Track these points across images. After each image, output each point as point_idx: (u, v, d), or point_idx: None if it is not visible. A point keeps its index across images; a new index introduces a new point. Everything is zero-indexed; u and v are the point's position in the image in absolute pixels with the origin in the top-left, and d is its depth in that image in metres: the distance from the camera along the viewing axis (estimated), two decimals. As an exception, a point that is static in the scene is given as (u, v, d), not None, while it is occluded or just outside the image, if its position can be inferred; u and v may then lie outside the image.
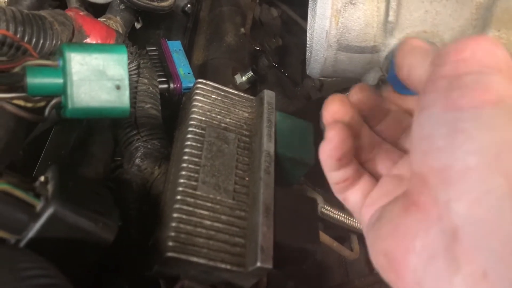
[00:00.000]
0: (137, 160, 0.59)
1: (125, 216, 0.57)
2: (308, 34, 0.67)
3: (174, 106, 0.74)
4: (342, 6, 0.56)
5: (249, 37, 1.04)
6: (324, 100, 0.96)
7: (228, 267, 0.50)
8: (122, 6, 0.84)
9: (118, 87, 0.49)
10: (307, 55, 0.63)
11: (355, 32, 0.57)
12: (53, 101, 0.48)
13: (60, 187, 0.42)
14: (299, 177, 0.65)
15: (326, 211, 0.81)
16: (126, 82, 0.49)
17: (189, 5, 1.06)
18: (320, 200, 0.79)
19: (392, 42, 0.58)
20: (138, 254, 0.55)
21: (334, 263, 0.93)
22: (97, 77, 0.48)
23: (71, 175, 0.46)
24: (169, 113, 0.71)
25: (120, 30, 0.83)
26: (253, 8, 1.02)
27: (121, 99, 0.49)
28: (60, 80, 0.47)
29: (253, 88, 0.97)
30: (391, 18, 0.56)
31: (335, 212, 0.82)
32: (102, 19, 0.83)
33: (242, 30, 1.04)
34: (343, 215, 0.83)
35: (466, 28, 0.57)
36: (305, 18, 0.65)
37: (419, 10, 0.57)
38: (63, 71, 0.47)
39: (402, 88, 0.60)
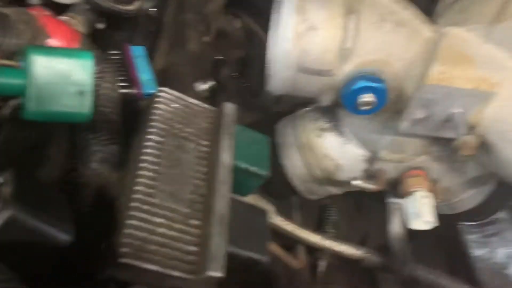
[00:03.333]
0: (94, 164, 0.59)
1: (78, 219, 0.58)
2: (269, 52, 0.70)
3: (134, 111, 0.74)
4: (304, 30, 0.60)
5: (212, 46, 1.06)
6: (281, 114, 0.99)
7: (180, 274, 0.51)
8: (86, 6, 0.83)
9: (81, 93, 0.49)
10: (268, 72, 0.66)
11: (314, 56, 0.61)
12: (13, 102, 0.48)
13: (17, 190, 0.41)
14: (253, 188, 0.67)
15: (276, 221, 0.84)
16: (89, 88, 0.50)
17: (153, 9, 1.06)
18: (272, 210, 0.82)
19: (348, 67, 0.62)
20: (90, 258, 0.55)
21: (280, 272, 0.96)
22: (61, 81, 0.48)
23: (28, 178, 0.46)
24: (128, 118, 0.71)
25: (82, 30, 0.82)
26: (217, 18, 1.04)
27: (83, 105, 0.50)
28: (21, 81, 0.47)
29: (213, 97, 0.99)
30: (348, 45, 0.60)
31: (285, 222, 0.85)
32: (63, 17, 0.82)
33: (206, 38, 1.06)
34: (292, 226, 0.86)
35: (415, 60, 0.62)
36: (267, 31, 0.68)
37: (374, 40, 0.61)
38: (25, 72, 0.47)
39: (354, 109, 0.65)
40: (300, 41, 0.60)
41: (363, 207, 1.16)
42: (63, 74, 0.48)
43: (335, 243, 0.90)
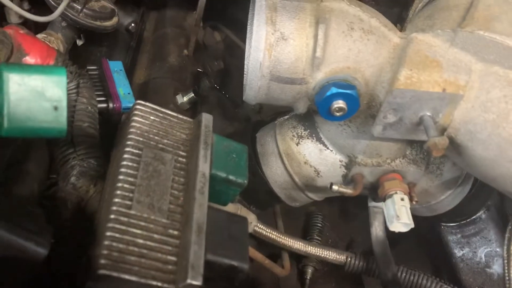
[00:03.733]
0: (73, 179, 0.60)
1: (58, 233, 0.58)
2: (245, 62, 0.72)
3: (112, 125, 0.75)
4: (275, 40, 0.61)
5: (192, 59, 1.08)
6: (262, 123, 1.00)
7: (159, 284, 0.51)
8: (64, 23, 0.85)
9: (56, 108, 0.50)
10: (244, 82, 0.68)
11: (286, 65, 0.62)
12: (-11, 119, 0.49)
13: (-9, 205, 0.42)
14: (232, 197, 0.68)
15: (259, 230, 0.85)
16: (64, 103, 0.51)
17: (133, 24, 1.08)
18: (253, 218, 0.83)
19: (319, 75, 0.63)
20: (71, 272, 0.55)
21: (266, 280, 0.96)
22: (35, 97, 0.49)
23: (3, 193, 0.46)
24: (107, 132, 0.72)
25: (61, 47, 0.83)
26: (196, 31, 1.06)
27: (59, 120, 0.51)
28: (-4, 99, 0.48)
29: (194, 108, 1.00)
30: (318, 54, 0.61)
31: (267, 230, 0.86)
32: (42, 35, 0.83)
33: (185, 51, 1.08)
34: (275, 234, 0.87)
35: (384, 66, 0.64)
36: (246, 43, 0.70)
37: (343, 48, 0.63)
38: (0, 90, 0.48)
39: (328, 115, 0.66)
40: (271, 51, 0.61)
41: (348, 213, 1.17)
42: (37, 90, 0.49)
43: (319, 249, 0.91)
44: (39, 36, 0.83)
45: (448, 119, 0.64)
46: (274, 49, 0.61)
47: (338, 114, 0.64)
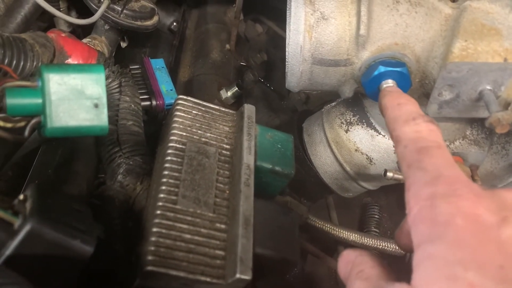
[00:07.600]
0: (119, 177, 0.60)
1: (109, 232, 0.59)
2: (286, 49, 0.69)
3: (159, 122, 0.75)
4: (315, 21, 0.58)
5: (234, 53, 1.06)
6: (308, 112, 0.97)
7: (208, 279, 0.50)
8: (106, 26, 0.86)
9: (96, 106, 0.50)
10: (286, 69, 0.65)
11: (329, 46, 0.59)
12: (33, 121, 0.49)
13: (38, 204, 0.42)
14: (280, 188, 0.66)
15: (311, 222, 0.82)
16: (104, 100, 0.50)
17: (175, 24, 1.08)
18: (304, 211, 0.80)
19: (365, 54, 0.60)
20: (122, 269, 0.56)
21: (323, 274, 0.93)
22: (76, 96, 0.49)
23: (51, 193, 0.47)
24: (154, 130, 0.72)
25: (105, 50, 0.85)
26: (237, 25, 1.04)
27: (100, 117, 0.50)
28: (39, 100, 0.49)
29: (238, 103, 0.99)
30: (362, 31, 0.58)
31: (320, 223, 0.83)
32: (87, 39, 0.85)
33: (227, 46, 1.07)
34: (329, 226, 0.84)
35: (436, 39, 0.59)
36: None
37: (389, 23, 0.58)
38: (42, 91, 0.48)
39: (377, 96, 0.62)
40: (312, 32, 0.58)
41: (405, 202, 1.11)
42: (77, 89, 0.49)
43: (376, 240, 0.86)
44: (84, 40, 0.85)
45: (512, 91, 0.58)
46: (315, 30, 0.58)
47: (387, 94, 0.59)
